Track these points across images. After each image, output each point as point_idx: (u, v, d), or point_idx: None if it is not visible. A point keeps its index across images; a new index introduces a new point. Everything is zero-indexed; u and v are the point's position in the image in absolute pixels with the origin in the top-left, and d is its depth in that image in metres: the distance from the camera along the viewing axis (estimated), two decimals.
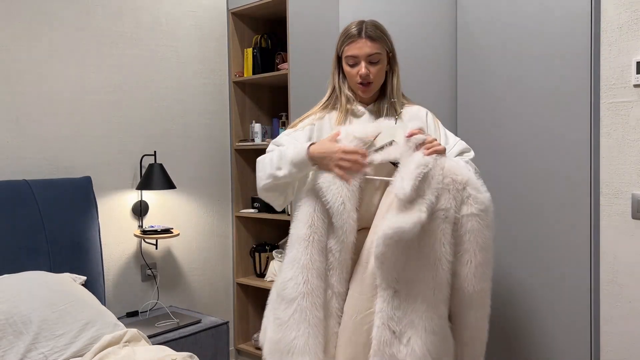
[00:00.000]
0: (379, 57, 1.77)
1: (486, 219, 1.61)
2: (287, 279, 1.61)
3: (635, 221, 2.20)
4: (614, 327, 2.27)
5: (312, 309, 1.58)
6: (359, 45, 1.74)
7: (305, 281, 1.58)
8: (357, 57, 1.75)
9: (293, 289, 1.59)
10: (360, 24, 1.78)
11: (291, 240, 1.65)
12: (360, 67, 1.75)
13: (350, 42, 1.76)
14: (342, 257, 1.61)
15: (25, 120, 2.47)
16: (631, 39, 2.18)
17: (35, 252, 2.27)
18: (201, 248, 3.14)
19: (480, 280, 1.60)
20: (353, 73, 1.77)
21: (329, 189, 1.59)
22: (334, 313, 1.62)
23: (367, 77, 1.75)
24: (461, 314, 1.65)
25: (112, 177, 2.75)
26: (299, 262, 1.60)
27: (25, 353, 1.83)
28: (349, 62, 1.77)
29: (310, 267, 1.59)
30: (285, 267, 1.64)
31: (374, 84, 1.79)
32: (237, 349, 3.27)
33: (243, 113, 3.29)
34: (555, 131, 2.39)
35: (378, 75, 1.78)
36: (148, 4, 2.89)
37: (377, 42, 1.77)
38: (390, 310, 1.55)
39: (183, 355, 1.88)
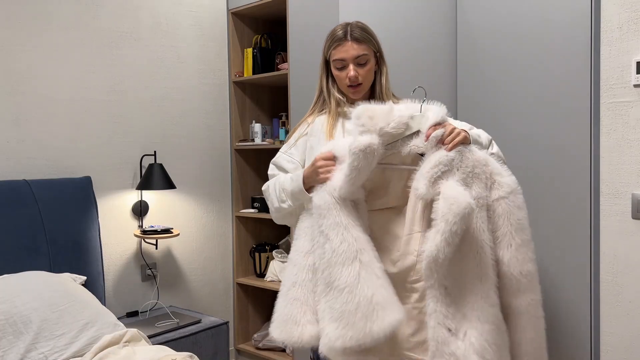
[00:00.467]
0: (366, 58, 1.78)
1: (515, 200, 1.60)
2: (337, 244, 1.52)
3: (635, 221, 2.20)
4: (614, 327, 2.27)
5: (374, 261, 1.53)
6: (346, 48, 1.75)
7: (356, 238, 1.52)
8: (344, 60, 1.76)
9: (347, 249, 1.51)
10: (346, 26, 1.79)
11: (319, 211, 1.59)
12: (348, 70, 1.76)
13: (337, 46, 1.77)
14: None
15: (25, 120, 2.47)
16: (631, 39, 2.18)
17: (35, 252, 2.27)
18: (201, 248, 3.14)
19: (524, 262, 1.57)
20: (342, 76, 1.78)
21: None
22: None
23: (356, 79, 1.76)
24: (512, 301, 1.60)
25: (112, 177, 2.75)
26: (341, 224, 1.53)
27: (25, 353, 1.83)
28: (337, 66, 1.78)
29: (354, 225, 1.55)
30: (329, 233, 1.55)
31: (363, 85, 1.80)
32: (237, 349, 3.27)
33: (243, 113, 3.29)
34: (555, 131, 2.39)
35: (367, 76, 1.79)
36: (148, 4, 2.89)
37: (363, 44, 1.77)
38: (444, 308, 1.51)
39: (183, 355, 1.88)
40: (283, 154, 1.86)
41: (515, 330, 1.61)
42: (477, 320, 1.51)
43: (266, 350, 3.13)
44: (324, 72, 1.85)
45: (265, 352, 3.12)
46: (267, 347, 3.13)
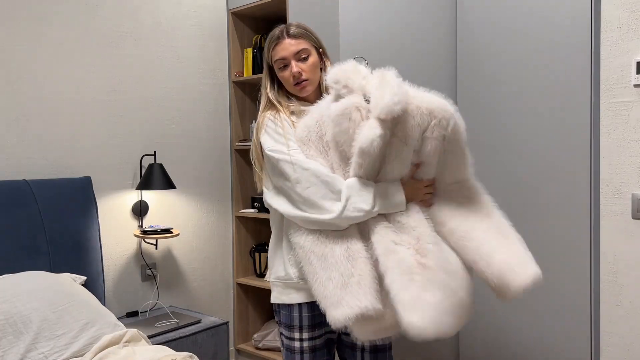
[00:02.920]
0: (307, 52, 1.76)
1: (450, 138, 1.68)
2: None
3: (635, 221, 2.20)
4: (614, 327, 2.27)
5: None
6: (284, 45, 1.74)
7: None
8: (285, 59, 1.74)
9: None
10: (282, 26, 1.79)
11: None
12: (291, 67, 1.74)
13: (275, 46, 1.76)
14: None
15: (25, 120, 2.47)
16: (631, 39, 2.18)
17: (35, 252, 2.27)
18: (201, 248, 3.14)
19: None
20: (286, 76, 1.76)
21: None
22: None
23: (300, 75, 1.74)
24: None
25: (112, 177, 2.75)
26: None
27: (25, 353, 1.83)
28: (279, 66, 1.76)
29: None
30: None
31: (310, 81, 1.76)
32: (237, 349, 3.27)
33: (243, 113, 3.29)
34: (556, 131, 2.39)
35: (311, 71, 1.76)
36: (148, 4, 2.89)
37: (300, 39, 1.76)
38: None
39: (183, 355, 1.88)
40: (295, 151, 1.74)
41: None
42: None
43: (266, 350, 3.13)
44: (268, 79, 1.82)
45: (265, 352, 3.13)
46: (267, 347, 3.13)
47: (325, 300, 1.58)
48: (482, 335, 2.70)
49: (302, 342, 1.77)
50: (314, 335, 1.77)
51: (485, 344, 2.69)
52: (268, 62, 1.80)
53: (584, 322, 2.33)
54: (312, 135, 1.67)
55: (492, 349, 2.67)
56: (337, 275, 1.58)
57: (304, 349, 1.77)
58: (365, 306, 1.51)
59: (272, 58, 1.77)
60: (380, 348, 1.80)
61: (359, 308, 1.51)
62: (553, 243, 2.41)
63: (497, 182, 2.61)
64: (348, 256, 1.59)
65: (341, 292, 1.56)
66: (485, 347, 2.69)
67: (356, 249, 1.60)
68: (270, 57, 1.78)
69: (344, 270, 1.57)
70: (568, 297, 2.38)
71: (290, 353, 1.79)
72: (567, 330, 2.39)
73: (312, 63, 1.76)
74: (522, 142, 2.50)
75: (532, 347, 2.52)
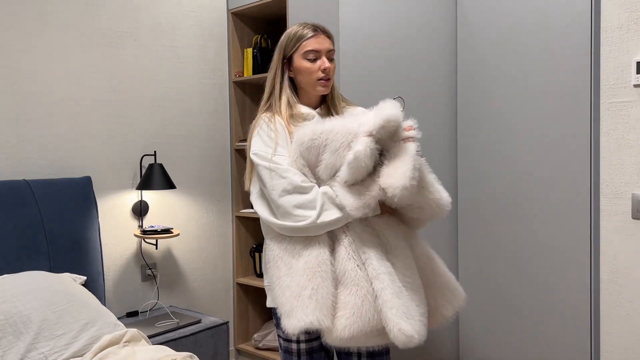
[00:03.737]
0: (333, 55, 1.80)
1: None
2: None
3: (635, 221, 2.20)
4: (614, 327, 2.27)
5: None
6: (320, 39, 1.75)
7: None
8: (319, 52, 1.74)
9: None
10: (310, 24, 1.79)
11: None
12: (322, 61, 1.74)
13: (310, 37, 1.75)
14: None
15: (25, 120, 2.47)
16: (631, 39, 2.17)
17: (35, 252, 2.27)
18: (201, 248, 3.14)
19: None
20: (314, 68, 1.74)
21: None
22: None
23: (329, 72, 1.76)
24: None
25: (112, 177, 2.75)
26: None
27: (25, 353, 1.83)
28: (309, 57, 1.74)
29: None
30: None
31: (331, 81, 1.79)
32: (237, 349, 3.27)
33: (243, 113, 3.29)
34: (555, 131, 2.39)
35: (334, 72, 1.80)
36: (148, 4, 2.89)
37: (332, 40, 1.80)
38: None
39: (183, 355, 1.88)
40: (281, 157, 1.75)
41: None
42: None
43: (266, 350, 3.13)
44: (280, 71, 1.80)
45: (265, 352, 3.13)
46: (267, 347, 3.13)
47: (281, 307, 1.64)
48: (482, 335, 2.70)
49: (300, 344, 1.77)
50: (311, 338, 1.78)
51: (485, 344, 2.69)
52: (286, 55, 1.78)
53: (584, 322, 2.33)
54: (317, 142, 1.66)
55: (492, 349, 2.67)
56: (294, 285, 1.62)
57: (302, 352, 1.77)
58: (311, 321, 1.55)
59: (301, 48, 1.75)
60: (377, 352, 1.80)
61: (304, 322, 1.56)
62: (553, 243, 2.41)
63: (497, 182, 2.61)
64: (307, 268, 1.61)
65: (294, 302, 1.60)
66: (485, 348, 2.69)
67: (318, 262, 1.61)
68: (297, 48, 1.76)
69: (300, 282, 1.61)
70: (568, 296, 2.38)
71: (289, 355, 1.80)
72: (567, 330, 2.39)
73: (334, 67, 1.80)
74: (521, 142, 2.50)
75: (532, 347, 2.52)
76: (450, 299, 1.76)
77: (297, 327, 1.57)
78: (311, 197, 1.63)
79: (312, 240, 1.64)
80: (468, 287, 2.74)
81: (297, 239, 1.66)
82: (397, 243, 1.67)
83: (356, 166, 1.57)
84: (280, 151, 1.70)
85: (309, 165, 1.68)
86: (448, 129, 2.76)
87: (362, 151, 1.55)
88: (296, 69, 1.77)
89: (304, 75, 1.77)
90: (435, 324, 1.75)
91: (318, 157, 1.65)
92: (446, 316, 1.75)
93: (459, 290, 1.79)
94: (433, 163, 2.67)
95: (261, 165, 1.69)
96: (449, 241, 2.77)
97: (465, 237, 2.75)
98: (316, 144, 1.65)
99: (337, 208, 1.62)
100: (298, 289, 1.60)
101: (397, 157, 1.60)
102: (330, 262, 1.63)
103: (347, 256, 1.63)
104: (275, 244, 1.71)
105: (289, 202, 1.63)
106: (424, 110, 2.67)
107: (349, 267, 1.61)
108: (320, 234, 1.64)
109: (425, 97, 2.68)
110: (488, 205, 2.64)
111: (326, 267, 1.61)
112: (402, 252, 1.67)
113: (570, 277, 2.36)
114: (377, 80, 2.51)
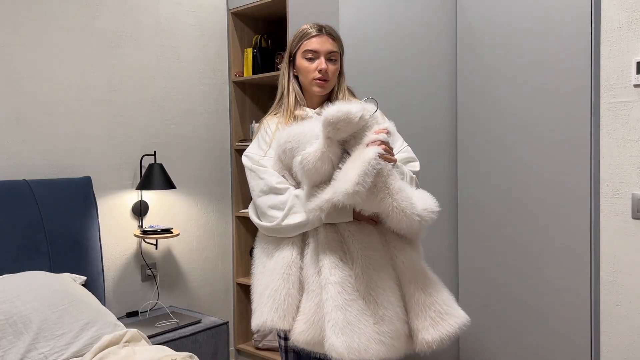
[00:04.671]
0: (336, 56, 1.78)
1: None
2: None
3: (635, 221, 2.20)
4: (614, 327, 2.27)
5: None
6: (322, 40, 1.75)
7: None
8: (317, 52, 1.75)
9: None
10: (318, 24, 1.79)
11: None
12: (320, 62, 1.74)
13: (311, 37, 1.76)
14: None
15: (25, 120, 2.47)
16: (631, 39, 2.18)
17: (35, 252, 2.27)
18: (201, 248, 3.14)
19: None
20: (311, 68, 1.75)
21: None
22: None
23: (326, 73, 1.75)
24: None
25: (112, 177, 2.75)
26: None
27: (25, 353, 1.83)
28: (307, 57, 1.76)
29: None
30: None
31: (329, 83, 1.78)
32: (237, 349, 3.27)
33: (243, 113, 3.29)
34: (556, 131, 2.39)
35: (333, 75, 1.78)
36: (148, 4, 2.89)
37: (336, 42, 1.79)
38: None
39: (183, 355, 1.88)
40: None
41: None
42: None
43: (266, 350, 3.13)
44: (287, 69, 1.82)
45: (265, 352, 3.12)
46: (267, 347, 3.13)
47: (252, 303, 1.72)
48: (482, 335, 2.70)
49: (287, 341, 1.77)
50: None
51: (485, 344, 2.69)
52: (291, 52, 1.80)
53: (584, 322, 2.33)
54: (290, 145, 1.67)
55: (492, 349, 2.67)
56: (262, 284, 1.68)
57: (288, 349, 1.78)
58: (264, 321, 1.61)
59: (301, 47, 1.77)
60: None
61: (260, 321, 1.62)
62: (553, 243, 2.41)
63: (497, 182, 2.61)
64: (274, 269, 1.66)
65: (258, 300, 1.67)
66: (485, 347, 2.69)
67: (284, 264, 1.65)
68: (299, 46, 1.78)
69: (265, 281, 1.66)
70: (568, 297, 2.38)
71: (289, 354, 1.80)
72: (567, 330, 2.39)
73: (336, 68, 1.79)
74: (522, 141, 2.50)
75: (532, 347, 2.52)
76: (435, 323, 1.58)
77: (255, 324, 1.65)
78: (284, 198, 1.68)
79: (283, 241, 1.69)
80: (468, 287, 2.74)
81: (272, 240, 1.72)
82: (364, 252, 1.60)
83: (305, 169, 1.55)
84: (270, 153, 1.76)
85: (287, 167, 1.70)
86: (448, 129, 2.76)
87: (311, 153, 1.54)
88: (297, 67, 1.80)
89: (302, 74, 1.79)
90: (417, 348, 1.61)
91: (292, 159, 1.66)
92: (428, 341, 1.57)
93: (452, 315, 1.62)
94: (433, 163, 2.68)
95: (246, 166, 1.78)
96: (449, 241, 2.77)
97: (465, 237, 2.75)
98: (289, 147, 1.66)
99: (304, 213, 1.64)
100: (262, 288, 1.67)
101: (351, 161, 1.54)
102: (299, 265, 1.66)
103: (310, 261, 1.64)
104: (258, 243, 1.79)
105: (265, 203, 1.70)
106: (424, 110, 2.67)
107: (309, 272, 1.63)
108: (293, 236, 1.68)
109: (425, 97, 2.68)
110: (488, 206, 2.64)
111: (291, 270, 1.64)
112: (372, 260, 1.60)
113: (570, 277, 2.36)
114: (377, 80, 2.51)
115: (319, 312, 1.57)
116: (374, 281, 1.58)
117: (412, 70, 2.63)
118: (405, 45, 2.61)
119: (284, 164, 1.70)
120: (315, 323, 1.58)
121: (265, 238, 1.75)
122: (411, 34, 2.63)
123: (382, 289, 1.58)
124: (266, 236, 1.75)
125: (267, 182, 1.70)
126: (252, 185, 1.75)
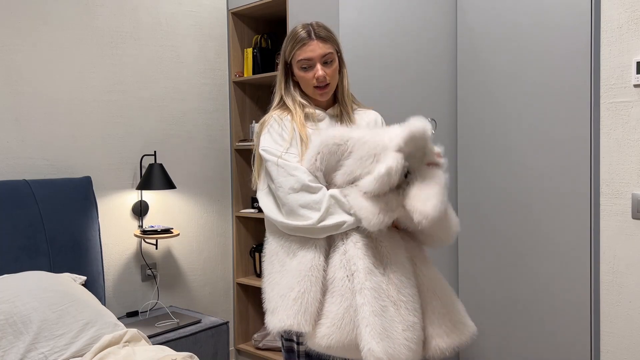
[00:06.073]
0: (332, 57, 1.74)
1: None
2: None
3: (635, 221, 2.20)
4: (614, 327, 2.27)
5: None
6: (312, 47, 1.71)
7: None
8: (311, 60, 1.71)
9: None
10: (308, 26, 1.75)
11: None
12: (316, 70, 1.71)
13: (302, 45, 1.72)
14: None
15: (25, 121, 2.47)
16: (631, 39, 2.18)
17: (35, 252, 2.27)
18: (201, 248, 3.14)
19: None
20: (308, 77, 1.73)
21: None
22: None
23: (324, 79, 1.72)
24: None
25: (112, 177, 2.75)
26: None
27: (25, 353, 1.83)
28: (302, 66, 1.72)
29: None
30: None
31: (331, 85, 1.76)
32: (237, 349, 3.27)
33: (243, 113, 3.29)
34: (556, 131, 2.39)
35: (333, 76, 1.75)
36: (148, 4, 2.89)
37: (328, 43, 1.74)
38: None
39: (183, 355, 1.88)
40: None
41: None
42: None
43: (266, 350, 3.13)
44: (284, 77, 1.79)
45: (265, 352, 3.13)
46: (267, 347, 3.13)
47: (268, 303, 1.64)
48: (482, 335, 2.70)
49: (299, 345, 1.77)
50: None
51: (485, 344, 2.69)
52: (287, 60, 1.77)
53: (584, 322, 2.33)
54: (342, 148, 1.64)
55: (492, 349, 2.67)
56: (283, 284, 1.61)
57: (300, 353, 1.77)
58: (291, 324, 1.55)
59: (294, 57, 1.74)
60: None
61: (284, 324, 1.55)
62: (553, 243, 2.41)
63: (497, 182, 2.61)
64: (299, 270, 1.59)
65: (279, 301, 1.59)
66: (485, 347, 2.69)
67: (310, 266, 1.60)
68: (292, 56, 1.74)
69: (288, 282, 1.59)
70: (568, 297, 2.38)
71: (292, 354, 1.79)
72: (567, 330, 2.39)
73: (335, 68, 1.76)
74: (522, 142, 2.50)
75: (532, 347, 2.52)
76: (450, 331, 1.63)
77: (277, 326, 1.57)
78: (317, 198, 1.60)
79: (309, 242, 1.62)
80: (468, 286, 2.74)
81: (295, 238, 1.65)
82: (396, 257, 1.61)
83: (386, 181, 1.53)
84: (292, 150, 1.68)
85: (326, 167, 1.64)
86: (448, 129, 2.76)
87: (394, 167, 1.51)
88: (296, 76, 1.77)
89: (302, 84, 1.77)
90: (428, 353, 1.63)
91: (339, 162, 1.63)
92: (442, 348, 1.61)
93: (465, 325, 1.66)
94: None
95: (270, 161, 1.67)
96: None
97: (465, 237, 2.75)
98: (341, 150, 1.62)
99: (343, 214, 1.60)
100: (286, 289, 1.59)
101: (427, 183, 1.55)
102: (323, 267, 1.61)
103: (339, 264, 1.60)
104: (274, 239, 1.70)
105: (296, 201, 1.61)
106: (424, 110, 2.67)
107: (338, 276, 1.59)
108: (319, 238, 1.63)
109: (425, 97, 2.69)
110: (488, 205, 2.64)
111: (317, 273, 1.59)
112: (401, 268, 1.61)
113: (571, 277, 2.36)
114: (377, 80, 2.52)
115: (347, 317, 1.55)
116: (402, 288, 1.59)
117: (412, 70, 2.63)
118: (405, 45, 2.61)
119: (326, 162, 1.64)
120: (342, 327, 1.55)
121: (286, 236, 1.66)
122: (411, 34, 2.63)
123: (411, 296, 1.60)
124: (287, 234, 1.67)
125: (299, 180, 1.61)
126: (280, 182, 1.63)
